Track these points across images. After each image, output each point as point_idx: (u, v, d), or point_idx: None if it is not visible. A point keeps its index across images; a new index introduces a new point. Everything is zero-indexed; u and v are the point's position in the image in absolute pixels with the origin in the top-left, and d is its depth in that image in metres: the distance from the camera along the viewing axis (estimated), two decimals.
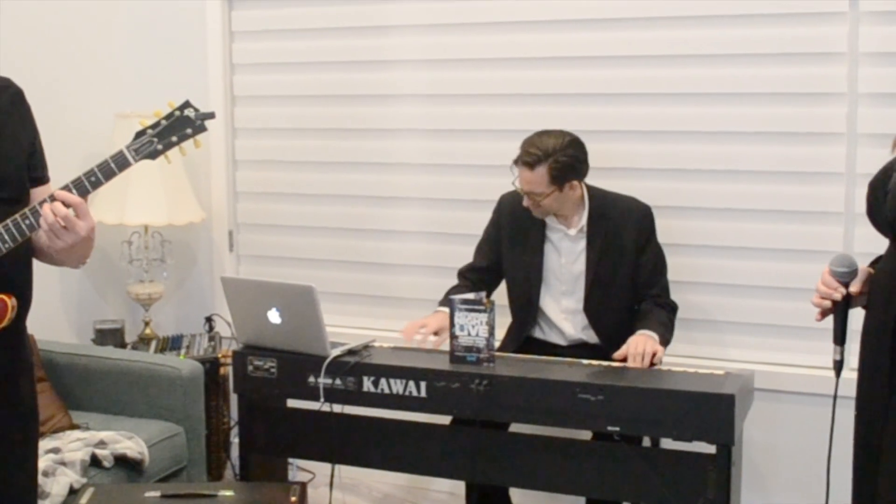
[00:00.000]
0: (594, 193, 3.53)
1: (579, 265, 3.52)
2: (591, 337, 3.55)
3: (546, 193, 3.38)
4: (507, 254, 3.63)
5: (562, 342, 3.58)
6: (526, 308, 3.60)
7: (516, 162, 3.40)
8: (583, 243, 3.51)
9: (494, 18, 4.02)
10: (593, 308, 3.52)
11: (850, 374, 2.20)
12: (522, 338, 3.61)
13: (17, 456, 2.45)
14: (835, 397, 2.17)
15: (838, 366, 2.17)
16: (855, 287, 2.10)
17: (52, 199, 2.21)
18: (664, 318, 3.45)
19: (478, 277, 3.64)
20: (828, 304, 2.14)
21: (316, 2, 4.30)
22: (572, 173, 3.39)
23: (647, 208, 3.53)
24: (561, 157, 3.34)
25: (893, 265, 1.94)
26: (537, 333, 3.63)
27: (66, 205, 2.21)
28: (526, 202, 3.44)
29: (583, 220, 3.50)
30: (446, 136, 4.19)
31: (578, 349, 3.52)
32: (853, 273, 2.11)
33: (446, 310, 3.43)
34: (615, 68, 3.87)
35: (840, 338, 2.17)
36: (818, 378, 3.50)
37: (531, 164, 3.34)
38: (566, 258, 3.54)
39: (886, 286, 1.92)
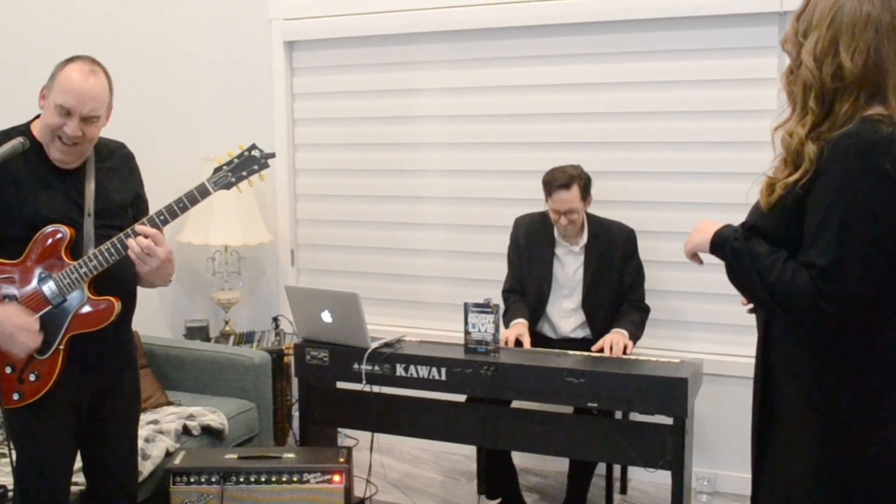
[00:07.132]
0: (591, 219, 3.55)
1: (578, 275, 3.53)
2: (584, 331, 3.54)
3: (580, 208, 3.43)
4: (524, 266, 3.62)
5: (556, 336, 3.58)
6: (536, 309, 3.58)
7: (552, 190, 3.40)
8: (582, 258, 3.52)
9: (499, 83, 4.07)
10: (588, 307, 3.52)
11: None
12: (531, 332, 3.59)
13: (123, 429, 2.53)
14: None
15: None
16: None
17: (135, 233, 2.26)
18: (637, 318, 3.46)
19: (522, 289, 3.64)
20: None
21: (358, 70, 4.34)
22: (589, 188, 3.47)
23: (631, 231, 3.55)
24: (583, 175, 3.44)
25: None
26: (540, 329, 3.62)
27: (146, 236, 2.25)
28: (563, 221, 3.44)
29: (584, 239, 3.51)
30: (462, 175, 4.22)
31: (568, 342, 3.52)
32: None
33: (521, 321, 3.48)
34: (600, 122, 3.91)
35: None
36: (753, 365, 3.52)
37: (567, 184, 3.38)
38: (569, 269, 3.55)
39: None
